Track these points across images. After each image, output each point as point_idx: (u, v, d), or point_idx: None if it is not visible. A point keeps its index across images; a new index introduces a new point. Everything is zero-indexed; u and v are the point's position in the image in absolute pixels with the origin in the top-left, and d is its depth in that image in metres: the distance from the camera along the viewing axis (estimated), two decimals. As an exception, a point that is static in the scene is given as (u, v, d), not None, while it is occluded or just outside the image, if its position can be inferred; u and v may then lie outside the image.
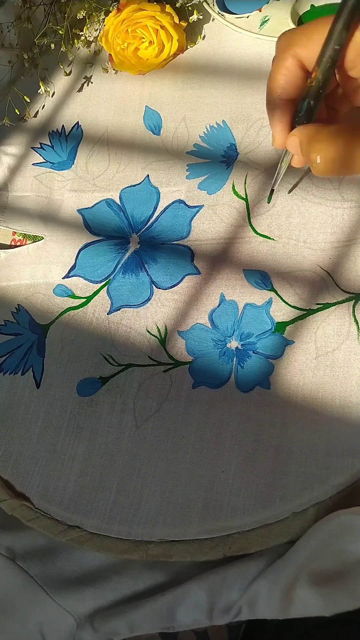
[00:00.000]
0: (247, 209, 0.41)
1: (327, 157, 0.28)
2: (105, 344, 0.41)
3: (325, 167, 0.28)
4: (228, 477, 0.35)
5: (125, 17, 0.43)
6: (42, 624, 0.34)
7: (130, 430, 0.38)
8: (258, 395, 0.36)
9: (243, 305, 0.39)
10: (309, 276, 0.38)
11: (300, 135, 0.29)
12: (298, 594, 0.29)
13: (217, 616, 0.31)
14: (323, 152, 0.28)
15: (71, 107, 0.49)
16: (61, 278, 0.43)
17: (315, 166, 0.28)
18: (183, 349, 0.39)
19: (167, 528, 0.35)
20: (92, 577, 0.35)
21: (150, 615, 0.32)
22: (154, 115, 0.46)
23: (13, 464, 0.39)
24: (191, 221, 0.42)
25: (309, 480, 0.34)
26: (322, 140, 0.28)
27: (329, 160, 0.28)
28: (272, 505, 0.34)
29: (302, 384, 0.36)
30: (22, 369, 0.42)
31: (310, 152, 0.28)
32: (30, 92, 0.49)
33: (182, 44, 0.45)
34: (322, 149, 0.28)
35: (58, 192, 0.46)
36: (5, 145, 0.49)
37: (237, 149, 0.42)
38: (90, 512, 0.37)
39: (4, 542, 0.36)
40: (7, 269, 0.45)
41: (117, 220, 0.44)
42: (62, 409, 0.40)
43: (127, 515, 0.36)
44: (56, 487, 0.38)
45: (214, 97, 0.44)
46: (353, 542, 0.29)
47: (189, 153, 0.44)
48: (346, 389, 0.35)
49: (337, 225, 0.38)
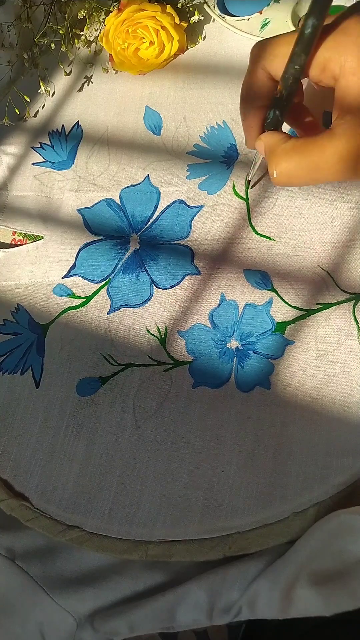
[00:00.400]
0: (247, 209, 0.41)
1: (282, 172, 0.30)
2: (105, 344, 0.41)
3: (279, 180, 0.31)
4: (228, 477, 0.35)
5: (125, 17, 0.43)
6: (42, 624, 0.34)
7: (130, 430, 0.38)
8: (258, 395, 0.37)
9: (243, 305, 0.39)
10: (309, 276, 0.38)
11: (264, 143, 0.32)
12: (298, 594, 0.29)
13: (217, 616, 0.31)
14: (279, 167, 0.30)
15: (71, 107, 0.49)
16: (61, 278, 0.43)
17: (272, 178, 0.31)
18: (183, 348, 0.39)
19: (167, 528, 0.35)
20: (92, 577, 0.35)
21: (150, 615, 0.32)
22: (154, 115, 0.46)
23: (12, 464, 0.39)
24: (191, 221, 0.42)
25: (309, 480, 0.34)
26: (279, 154, 0.30)
27: (283, 176, 0.30)
28: (272, 505, 0.34)
29: (302, 384, 0.36)
30: (21, 368, 0.42)
31: (269, 165, 0.31)
32: (30, 92, 0.49)
33: (183, 44, 0.45)
34: (279, 163, 0.30)
35: (58, 192, 0.46)
36: (5, 144, 0.49)
37: (237, 150, 0.42)
38: (89, 512, 0.37)
39: (4, 542, 0.36)
40: (6, 269, 0.45)
41: (117, 220, 0.44)
42: (61, 409, 0.40)
43: (126, 515, 0.36)
44: (55, 487, 0.38)
45: (215, 98, 0.44)
46: (353, 542, 0.29)
47: (189, 153, 0.44)
48: (346, 389, 0.35)
49: (337, 226, 0.38)
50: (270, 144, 0.31)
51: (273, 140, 0.31)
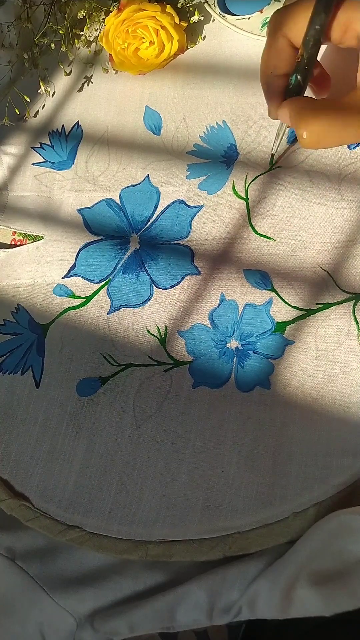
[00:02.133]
0: (247, 209, 0.41)
1: (312, 132, 0.30)
2: (105, 344, 0.41)
3: (310, 141, 0.31)
4: (228, 477, 0.35)
5: (125, 17, 0.43)
6: (42, 624, 0.34)
7: (130, 430, 0.38)
8: (258, 395, 0.36)
9: (243, 305, 0.39)
10: (309, 276, 0.38)
11: (289, 108, 0.32)
12: (298, 594, 0.29)
13: (217, 616, 0.31)
14: (309, 127, 0.30)
15: (71, 107, 0.49)
16: (61, 278, 0.43)
17: (302, 140, 0.31)
18: (183, 348, 0.39)
19: (167, 528, 0.35)
20: (92, 577, 0.35)
21: (150, 615, 0.32)
22: (154, 115, 0.46)
23: (12, 464, 0.39)
24: (191, 221, 0.42)
25: (309, 480, 0.34)
26: (307, 115, 0.31)
27: (314, 135, 0.31)
28: (272, 505, 0.34)
29: (302, 384, 0.36)
30: (21, 368, 0.42)
31: (297, 127, 0.31)
32: (30, 92, 0.49)
33: (183, 44, 0.45)
34: (308, 123, 0.30)
35: (58, 192, 0.46)
36: (5, 144, 0.49)
37: (237, 149, 0.42)
38: (89, 512, 0.37)
39: (4, 542, 0.36)
40: (6, 269, 0.45)
41: (117, 220, 0.44)
42: (61, 409, 0.40)
43: (126, 515, 0.36)
44: (55, 487, 0.38)
45: (214, 97, 0.44)
46: (353, 542, 0.29)
47: (189, 153, 0.44)
48: (346, 389, 0.35)
49: (337, 226, 0.38)
50: (296, 107, 0.32)
51: (298, 104, 0.32)
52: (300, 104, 0.32)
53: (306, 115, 0.31)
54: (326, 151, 0.40)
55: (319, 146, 0.31)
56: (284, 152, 0.41)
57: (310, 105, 0.31)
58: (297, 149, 0.41)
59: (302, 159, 0.40)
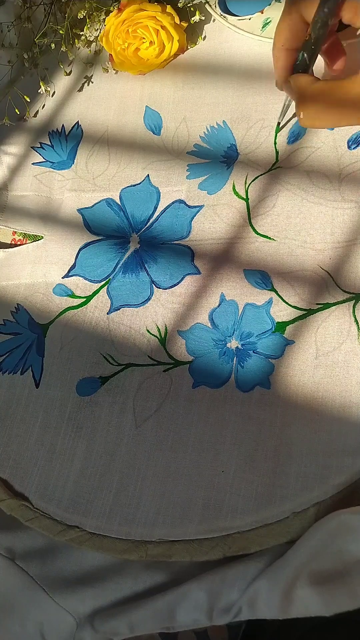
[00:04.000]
0: (247, 209, 0.41)
1: (309, 113, 0.32)
2: (105, 344, 0.41)
3: (306, 121, 0.33)
4: (228, 477, 0.35)
5: (126, 17, 0.43)
6: (42, 624, 0.34)
7: (129, 430, 0.38)
8: (258, 395, 0.36)
9: (243, 305, 0.39)
10: (310, 276, 0.38)
11: (292, 84, 0.34)
12: (298, 594, 0.29)
13: (217, 616, 0.31)
14: (306, 109, 0.32)
15: (71, 107, 0.49)
16: (61, 277, 0.43)
17: (300, 120, 0.33)
18: (183, 348, 0.39)
19: (167, 528, 0.35)
20: (92, 577, 0.35)
21: (150, 615, 0.32)
22: (154, 115, 0.46)
23: (12, 464, 0.39)
24: (191, 221, 0.42)
25: (309, 480, 0.34)
26: (306, 97, 0.32)
27: (309, 117, 0.32)
28: (272, 505, 0.34)
29: (302, 384, 0.36)
30: (21, 368, 0.42)
31: (296, 106, 0.33)
32: (30, 92, 0.49)
33: (183, 44, 0.45)
34: (306, 105, 0.32)
35: (58, 192, 0.46)
36: (5, 144, 0.49)
37: (237, 150, 0.42)
38: (89, 512, 0.37)
39: (4, 542, 0.36)
40: (6, 269, 0.45)
41: (117, 220, 0.44)
42: (61, 409, 0.40)
43: (126, 515, 0.36)
44: (55, 486, 0.38)
45: (215, 98, 0.44)
46: (353, 542, 0.29)
47: (189, 153, 0.44)
48: (346, 389, 0.35)
49: (337, 226, 0.38)
50: (298, 85, 0.33)
51: (301, 82, 0.33)
52: (302, 84, 0.33)
53: (306, 96, 0.32)
54: (326, 151, 0.40)
55: (314, 126, 0.33)
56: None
57: (311, 87, 0.32)
58: (297, 149, 0.41)
59: (303, 159, 0.40)
